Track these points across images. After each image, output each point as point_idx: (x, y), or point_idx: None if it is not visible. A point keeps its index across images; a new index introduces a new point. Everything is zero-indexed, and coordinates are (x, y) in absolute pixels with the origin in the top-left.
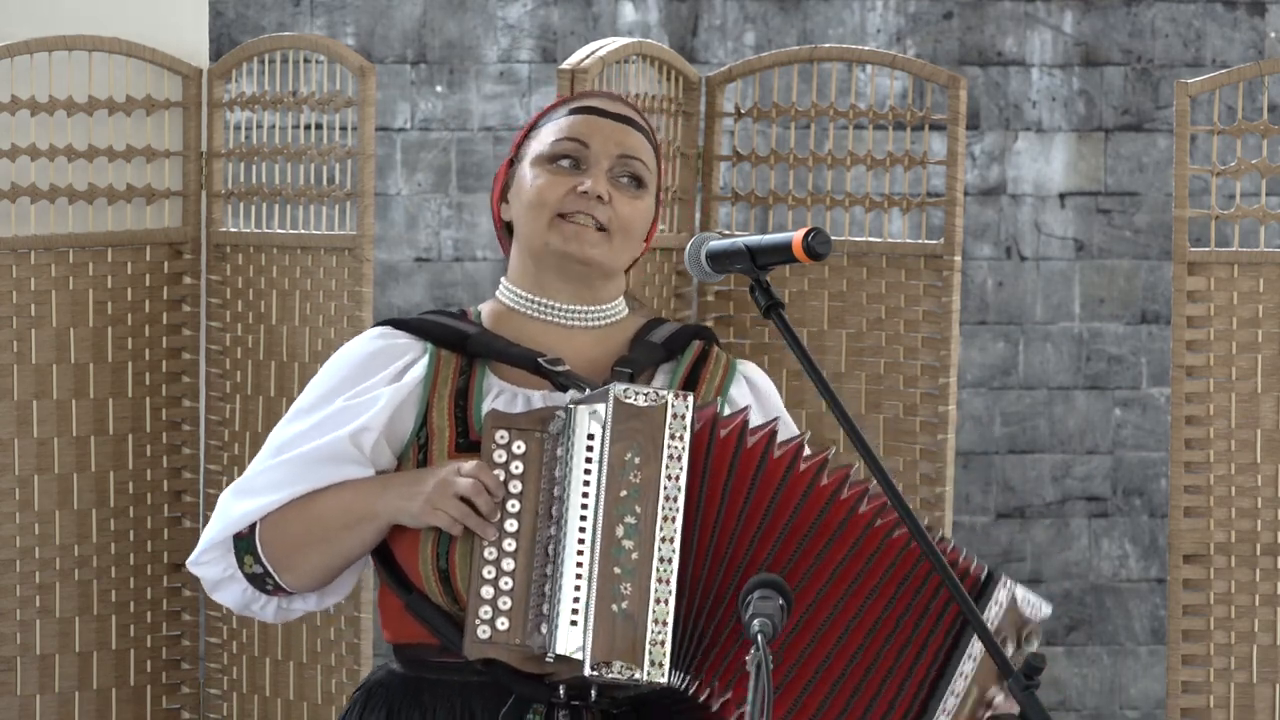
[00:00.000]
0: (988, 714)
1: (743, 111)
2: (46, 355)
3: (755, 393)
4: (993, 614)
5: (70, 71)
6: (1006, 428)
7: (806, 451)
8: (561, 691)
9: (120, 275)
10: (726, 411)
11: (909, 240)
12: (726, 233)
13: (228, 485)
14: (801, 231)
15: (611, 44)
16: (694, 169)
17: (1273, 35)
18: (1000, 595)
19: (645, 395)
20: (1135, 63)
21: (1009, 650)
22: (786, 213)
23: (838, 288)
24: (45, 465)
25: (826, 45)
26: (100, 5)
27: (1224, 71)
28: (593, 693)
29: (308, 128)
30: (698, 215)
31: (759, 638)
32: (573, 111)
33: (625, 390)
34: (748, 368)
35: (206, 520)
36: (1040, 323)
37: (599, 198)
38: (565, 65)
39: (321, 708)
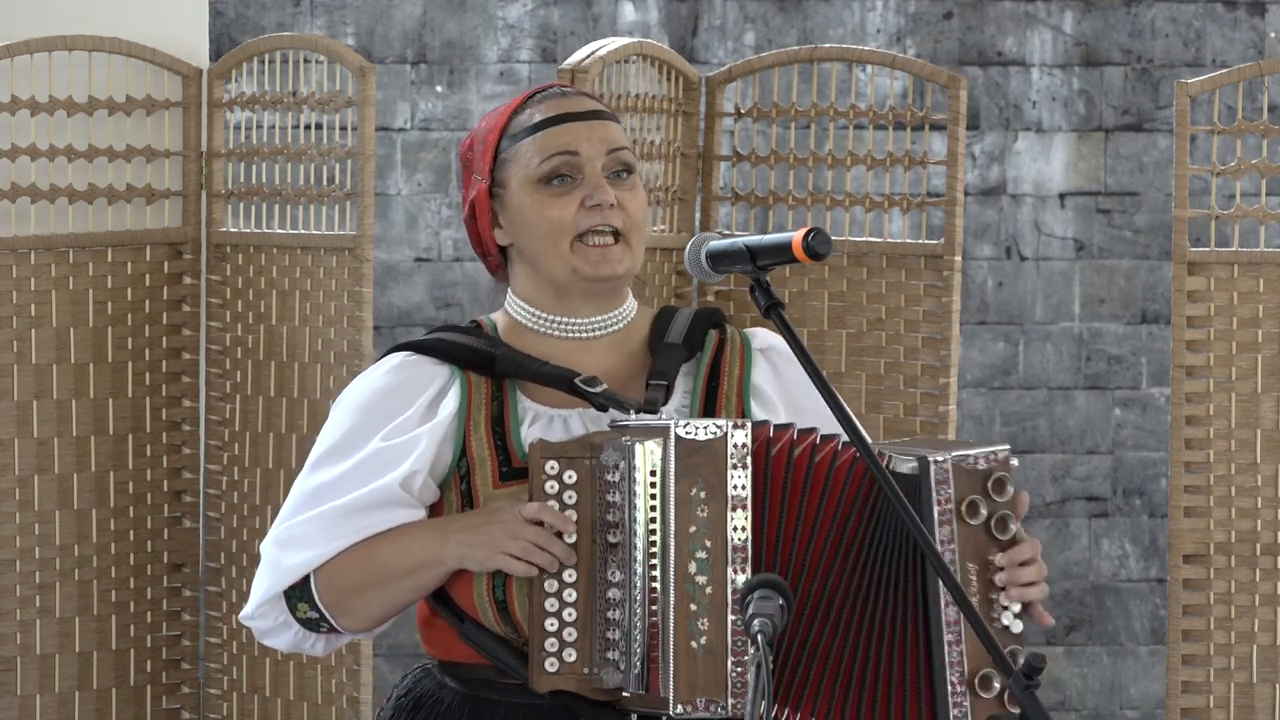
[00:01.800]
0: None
1: (743, 111)
2: (46, 355)
3: (775, 372)
4: (943, 495)
5: (70, 71)
6: (1006, 428)
7: (838, 446)
8: (634, 717)
9: (120, 275)
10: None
11: (909, 240)
12: (726, 233)
13: (228, 485)
14: (801, 231)
15: (611, 44)
16: (694, 169)
17: (1273, 35)
18: (933, 474)
19: (704, 429)
20: (1135, 63)
21: (983, 512)
22: (786, 213)
23: (838, 288)
24: (45, 465)
25: (826, 45)
26: (100, 5)
27: (1224, 71)
28: (664, 715)
29: (308, 128)
30: (698, 215)
31: (759, 637)
32: (542, 125)
33: (685, 426)
34: (758, 338)
35: (207, 520)
36: (1040, 323)
37: (611, 205)
38: (565, 65)
39: (321, 708)
